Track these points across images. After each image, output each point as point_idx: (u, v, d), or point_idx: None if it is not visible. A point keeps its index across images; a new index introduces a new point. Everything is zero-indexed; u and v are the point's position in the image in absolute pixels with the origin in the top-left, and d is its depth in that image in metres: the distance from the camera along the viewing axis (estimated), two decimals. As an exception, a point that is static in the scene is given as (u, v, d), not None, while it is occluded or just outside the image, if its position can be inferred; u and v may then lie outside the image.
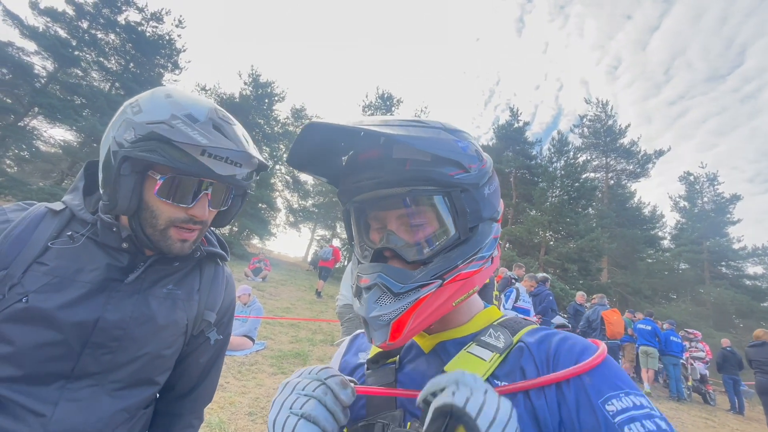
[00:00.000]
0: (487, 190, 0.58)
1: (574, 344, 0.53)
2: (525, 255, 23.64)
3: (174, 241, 0.82)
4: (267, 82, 22.90)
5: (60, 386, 0.75)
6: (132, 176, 0.75)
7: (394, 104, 28.01)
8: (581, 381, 0.48)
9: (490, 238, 0.58)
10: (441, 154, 0.52)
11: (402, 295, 0.53)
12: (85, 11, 16.54)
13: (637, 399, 0.46)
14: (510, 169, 27.20)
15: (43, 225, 0.80)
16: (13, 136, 14.75)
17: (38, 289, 0.74)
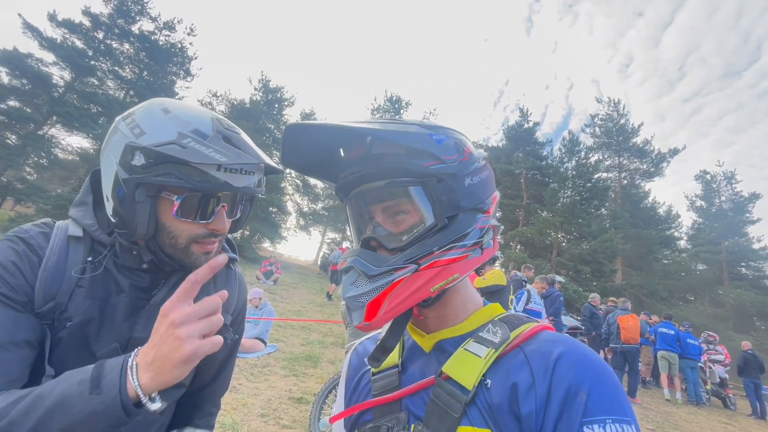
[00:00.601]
0: (469, 181, 0.59)
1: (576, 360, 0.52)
2: (537, 257, 23.37)
3: (198, 256, 0.82)
4: (277, 87, 23.18)
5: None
6: (147, 201, 0.75)
7: (403, 107, 28.04)
8: (577, 398, 0.48)
9: (474, 228, 0.58)
10: (414, 146, 0.56)
11: (376, 277, 0.55)
12: (100, 22, 17.01)
13: (617, 427, 0.46)
14: (520, 170, 26.98)
15: (72, 253, 0.81)
16: (33, 145, 15.19)
17: (80, 314, 0.77)
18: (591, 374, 0.49)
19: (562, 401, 0.47)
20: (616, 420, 0.46)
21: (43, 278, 0.76)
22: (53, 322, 0.76)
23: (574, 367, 0.50)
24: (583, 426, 0.45)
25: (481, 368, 0.53)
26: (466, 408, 0.52)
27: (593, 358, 0.52)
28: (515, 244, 25.73)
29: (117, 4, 17.32)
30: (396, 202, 0.59)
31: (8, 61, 14.95)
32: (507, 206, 27.05)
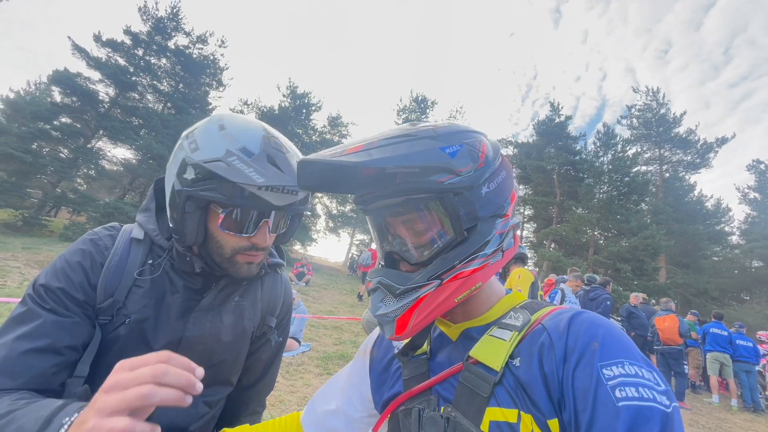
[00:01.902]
0: (486, 189, 0.59)
1: (587, 318, 0.55)
2: (572, 255, 22.52)
3: (241, 266, 0.87)
4: (304, 93, 23.69)
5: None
6: (196, 212, 0.81)
7: (429, 107, 27.89)
8: (589, 347, 0.50)
9: (493, 234, 0.59)
10: (426, 164, 0.54)
11: (402, 295, 0.58)
12: (140, 40, 18.06)
13: (638, 369, 0.47)
14: (552, 166, 26.10)
15: (133, 254, 0.87)
16: (83, 157, 16.34)
17: (137, 311, 0.83)
18: (602, 329, 0.52)
19: (579, 354, 0.50)
20: (633, 364, 0.48)
21: (105, 276, 0.83)
22: (112, 318, 0.82)
23: (585, 324, 0.53)
24: (602, 369, 0.47)
25: (507, 350, 0.56)
26: (494, 389, 0.54)
27: (604, 319, 0.55)
28: (549, 242, 24.92)
29: (154, 21, 18.33)
30: (414, 216, 0.60)
31: (60, 81, 16.19)
32: (539, 203, 26.25)
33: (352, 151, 0.54)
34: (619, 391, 0.45)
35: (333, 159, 0.52)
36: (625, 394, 0.44)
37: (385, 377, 0.74)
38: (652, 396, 0.45)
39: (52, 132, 16.05)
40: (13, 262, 8.02)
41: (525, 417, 0.50)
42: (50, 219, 14.95)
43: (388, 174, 0.54)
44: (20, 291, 6.17)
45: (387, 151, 0.54)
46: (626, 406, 0.44)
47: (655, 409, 0.43)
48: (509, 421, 0.50)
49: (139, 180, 18.28)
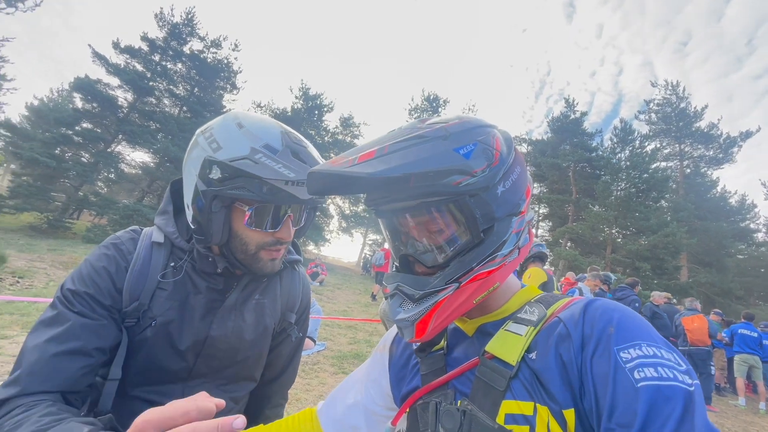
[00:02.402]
0: (501, 188, 0.58)
1: (601, 305, 0.54)
2: (589, 254, 22.10)
3: (265, 262, 0.88)
4: (316, 94, 23.85)
5: (181, 387, 0.89)
6: (222, 211, 0.82)
7: (441, 105, 27.72)
8: (605, 332, 0.49)
9: (510, 234, 0.59)
10: (441, 167, 0.53)
11: (420, 300, 0.58)
12: (156, 45, 18.48)
13: (656, 350, 0.47)
14: (568, 163, 25.65)
15: (155, 257, 0.88)
16: (103, 161, 16.81)
17: (163, 314, 0.85)
18: (617, 313, 0.52)
19: (596, 340, 0.49)
20: (651, 345, 0.47)
21: (130, 280, 0.84)
22: (138, 321, 0.84)
23: (600, 310, 0.53)
24: (619, 352, 0.47)
25: (523, 345, 0.55)
26: (510, 382, 0.53)
27: (619, 304, 0.55)
28: (565, 241, 24.48)
29: (170, 27, 18.71)
30: (428, 218, 0.59)
31: (81, 88, 16.68)
32: (555, 202, 25.83)
33: (364, 158, 0.52)
34: (638, 372, 0.44)
35: (344, 170, 0.51)
36: (644, 375, 0.44)
37: (404, 373, 0.75)
38: (673, 375, 0.44)
39: (74, 137, 16.56)
40: (39, 264, 8.30)
41: (541, 409, 0.49)
42: (73, 221, 15.41)
43: (402, 177, 0.52)
44: (46, 291, 6.38)
45: (398, 158, 0.52)
46: (645, 386, 0.43)
47: (677, 388, 0.43)
48: (525, 414, 0.50)
49: (157, 183, 18.70)
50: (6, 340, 4.15)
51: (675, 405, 0.42)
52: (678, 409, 0.41)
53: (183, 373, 0.89)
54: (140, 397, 0.85)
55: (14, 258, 7.80)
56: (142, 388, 0.86)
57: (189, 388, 0.89)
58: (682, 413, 0.41)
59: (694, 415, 0.41)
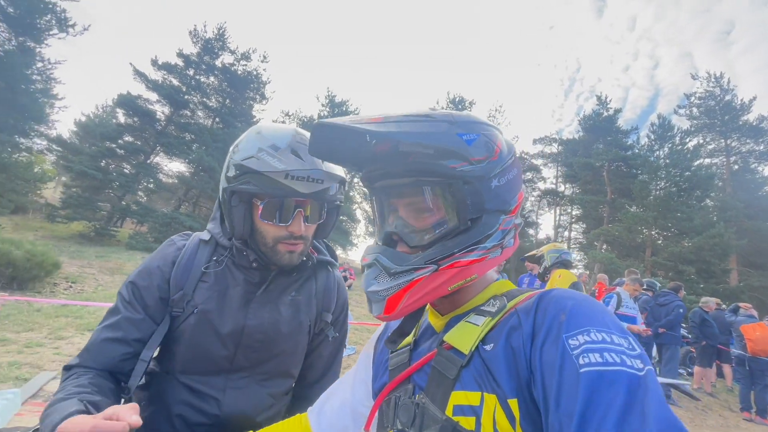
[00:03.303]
0: (496, 183, 0.59)
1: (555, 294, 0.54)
2: (626, 257, 21.06)
3: (283, 255, 0.95)
4: (342, 101, 24.24)
5: (224, 377, 0.96)
6: (241, 206, 0.92)
7: (467, 107, 27.41)
8: (557, 320, 0.48)
9: (496, 230, 0.59)
10: (442, 146, 0.54)
11: (397, 275, 0.57)
12: (191, 61, 19.41)
13: (606, 336, 0.45)
14: (602, 163, 24.65)
15: (200, 252, 1.00)
16: (143, 172, 17.78)
17: (204, 302, 0.95)
18: (571, 301, 0.50)
19: (547, 329, 0.48)
20: (601, 330, 0.45)
21: (176, 272, 0.96)
22: (183, 310, 0.95)
23: (553, 300, 0.52)
24: (567, 340, 0.45)
25: (477, 335, 0.55)
26: (461, 371, 0.53)
27: (576, 293, 0.53)
28: (600, 243, 23.47)
29: (203, 43, 19.62)
30: (420, 199, 0.60)
31: (124, 104, 17.77)
32: (588, 203, 24.83)
33: (374, 121, 0.54)
34: (583, 358, 0.43)
35: (348, 124, 0.53)
36: (588, 360, 0.42)
37: (379, 370, 0.76)
38: (621, 360, 0.42)
39: (118, 150, 17.63)
40: (88, 270, 8.87)
41: (488, 398, 0.49)
42: (117, 229, 16.36)
43: (402, 152, 0.54)
44: (95, 295, 6.80)
45: (405, 126, 0.54)
46: (587, 372, 0.42)
47: (621, 373, 0.41)
48: (472, 404, 0.50)
49: (192, 191, 19.57)
50: (63, 341, 4.47)
51: (618, 390, 0.40)
52: (621, 394, 0.39)
53: (225, 363, 0.96)
54: (188, 385, 0.95)
55: (67, 264, 8.37)
56: (189, 376, 0.95)
57: (231, 381, 0.96)
58: (627, 399, 0.39)
59: (644, 401, 0.39)
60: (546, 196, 30.32)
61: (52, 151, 20.14)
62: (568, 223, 29.59)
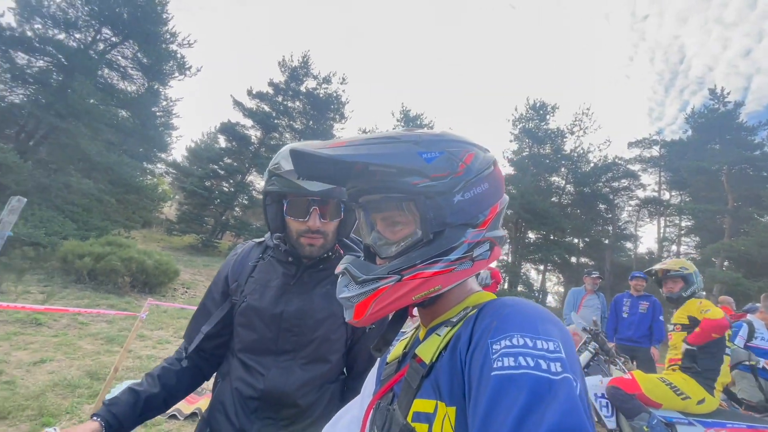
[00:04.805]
0: (459, 197, 0.60)
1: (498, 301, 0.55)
2: (759, 276, 17.58)
3: (304, 247, 1.10)
4: (416, 115, 24.58)
5: (273, 358, 1.11)
6: (273, 205, 1.11)
7: (549, 112, 25.83)
8: (489, 327, 0.49)
9: (461, 242, 0.60)
10: (403, 165, 0.58)
11: (364, 283, 0.60)
12: (279, 88, 21.45)
13: (528, 340, 0.45)
14: (719, 166, 21.08)
15: (252, 252, 1.22)
16: (240, 190, 19.94)
17: (251, 293, 1.13)
18: (508, 309, 0.52)
19: (479, 336, 0.50)
20: (525, 335, 0.46)
21: (234, 268, 1.20)
22: (238, 299, 1.15)
23: (493, 308, 0.54)
24: (491, 345, 0.46)
25: (438, 345, 0.58)
26: (422, 381, 0.56)
27: (520, 300, 0.55)
28: (720, 260, 19.97)
29: (290, 71, 21.59)
30: (391, 214, 0.64)
31: (225, 130, 20.24)
32: (703, 213, 21.30)
33: (335, 146, 0.58)
34: (497, 361, 0.43)
35: (308, 150, 0.56)
36: (501, 364, 0.43)
37: (378, 381, 0.79)
38: (535, 363, 0.42)
39: (219, 171, 20.07)
40: (198, 277, 10.13)
41: (441, 406, 0.51)
42: (219, 241, 18.48)
43: (371, 171, 0.59)
44: (203, 300, 7.70)
45: (365, 149, 0.58)
46: (496, 374, 0.42)
47: (527, 376, 0.40)
48: (427, 412, 0.52)
49: (280, 206, 21.33)
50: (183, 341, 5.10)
51: (519, 392, 0.39)
52: (524, 397, 0.38)
53: (271, 344, 1.12)
54: (243, 362, 1.12)
55: (183, 272, 9.66)
56: (245, 355, 1.13)
57: (277, 361, 1.12)
58: (529, 402, 0.38)
59: (547, 406, 0.37)
60: (646, 206, 26.54)
61: (168, 174, 23.67)
62: (676, 236, 25.71)
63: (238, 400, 1.10)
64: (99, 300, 6.73)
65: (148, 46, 13.95)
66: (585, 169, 26.07)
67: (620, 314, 5.22)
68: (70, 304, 6.18)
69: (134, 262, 7.63)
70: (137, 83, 14.97)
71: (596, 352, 3.11)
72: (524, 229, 25.91)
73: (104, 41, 13.71)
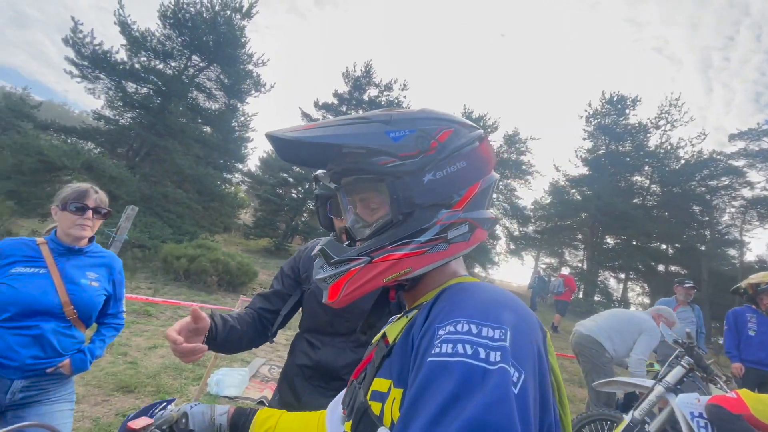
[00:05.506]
0: (430, 177, 0.58)
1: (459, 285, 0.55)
2: None
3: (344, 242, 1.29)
4: (479, 116, 23.98)
5: (329, 338, 1.31)
6: (321, 207, 1.32)
7: (628, 106, 23.58)
8: (442, 311, 0.49)
9: (432, 224, 0.59)
10: (371, 145, 0.57)
11: (336, 264, 0.60)
12: (343, 98, 22.33)
13: (474, 327, 0.43)
14: None
15: None
16: (308, 197, 21.06)
17: (314, 282, 1.27)
18: (466, 293, 0.51)
19: (431, 320, 0.49)
20: (471, 322, 0.44)
21: (303, 262, 1.42)
22: (307, 287, 1.36)
23: (451, 292, 0.53)
24: (438, 330, 0.46)
25: (401, 326, 0.58)
26: (383, 360, 0.56)
27: (482, 285, 0.54)
28: None
29: (353, 81, 22.37)
30: (368, 195, 0.64)
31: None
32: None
33: (306, 128, 0.58)
34: (437, 347, 0.42)
35: (278, 133, 0.58)
36: (438, 351, 0.42)
37: None
38: (473, 351, 0.40)
39: (289, 179, 21.39)
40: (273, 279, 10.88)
41: (392, 387, 0.51)
42: (290, 245, 19.71)
43: (345, 153, 0.59)
44: (279, 299, 8.28)
45: (333, 130, 0.57)
46: (431, 360, 0.41)
47: (460, 364, 0.39)
48: (381, 391, 0.52)
49: (345, 212, 22.11)
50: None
51: (447, 379, 0.37)
52: (452, 385, 0.37)
53: (328, 327, 1.30)
54: (307, 340, 1.36)
55: (261, 273, 10.46)
56: (309, 334, 1.37)
57: (333, 341, 1.30)
58: (456, 391, 0.36)
59: (475, 396, 0.35)
60: (755, 207, 22.33)
61: (244, 183, 25.80)
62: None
63: (298, 370, 1.34)
64: (192, 296, 7.58)
65: (229, 67, 15.42)
66: (674, 167, 23.19)
67: (743, 332, 4.43)
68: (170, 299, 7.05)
69: (220, 264, 8.47)
70: (220, 102, 16.61)
71: (691, 368, 2.81)
72: (601, 233, 23.87)
73: (193, 66, 15.43)
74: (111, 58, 13.18)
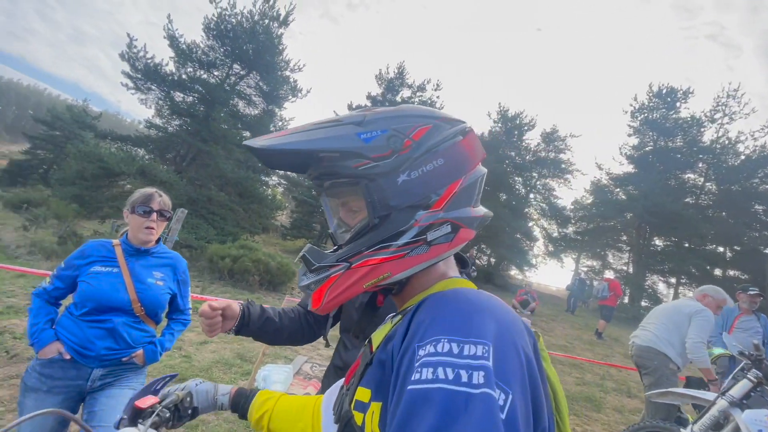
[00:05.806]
0: (404, 177, 0.56)
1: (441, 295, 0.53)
2: None
3: None
4: (515, 115, 23.38)
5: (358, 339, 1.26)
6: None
7: (679, 98, 22.05)
8: (422, 325, 0.47)
9: (410, 226, 0.56)
10: (343, 148, 0.55)
11: (316, 271, 0.59)
12: (377, 100, 22.51)
13: (455, 346, 0.41)
14: None
15: None
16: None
17: None
18: (448, 307, 0.48)
19: (412, 334, 0.47)
20: (453, 340, 0.41)
21: None
22: None
23: (431, 302, 0.51)
24: (418, 349, 0.43)
25: (383, 334, 0.57)
26: (366, 369, 0.55)
27: (458, 290, 0.52)
28: None
29: (387, 83, 22.51)
30: (347, 199, 0.64)
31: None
32: None
33: (283, 134, 0.58)
34: (416, 373, 0.40)
35: (249, 142, 0.57)
36: (418, 377, 0.40)
37: None
38: (454, 376, 0.38)
39: (325, 181, 21.92)
40: (310, 278, 11.15)
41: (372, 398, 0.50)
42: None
43: (320, 157, 0.57)
44: (317, 299, 8.50)
45: (304, 136, 0.56)
46: (411, 390, 0.39)
47: (441, 392, 0.37)
48: (363, 401, 0.51)
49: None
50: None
51: (428, 410, 0.36)
52: (432, 416, 0.35)
53: (353, 327, 1.29)
54: (343, 340, 1.36)
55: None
56: (344, 334, 1.38)
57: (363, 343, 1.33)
58: (438, 423, 0.34)
59: (460, 425, 0.33)
60: None
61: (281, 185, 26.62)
62: None
63: (333, 370, 1.36)
64: (236, 295, 7.94)
65: (268, 74, 16.02)
66: (732, 163, 21.33)
67: None
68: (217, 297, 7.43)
69: (262, 264, 8.81)
70: (259, 108, 17.27)
71: (759, 382, 2.61)
72: (649, 234, 22.49)
73: (235, 75, 16.17)
74: (161, 70, 14.12)
